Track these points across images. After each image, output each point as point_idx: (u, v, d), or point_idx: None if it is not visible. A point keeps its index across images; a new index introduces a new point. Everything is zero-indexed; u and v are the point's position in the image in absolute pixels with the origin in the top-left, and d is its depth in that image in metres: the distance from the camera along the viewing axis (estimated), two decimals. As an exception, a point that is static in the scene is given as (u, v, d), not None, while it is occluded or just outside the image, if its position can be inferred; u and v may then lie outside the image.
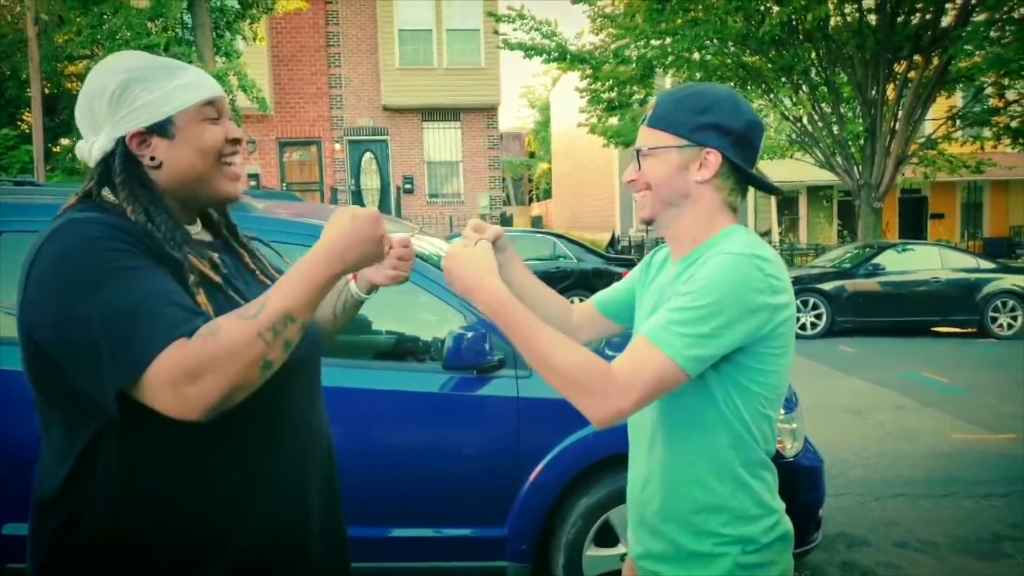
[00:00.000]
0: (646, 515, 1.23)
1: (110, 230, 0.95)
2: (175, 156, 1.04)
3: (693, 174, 1.15)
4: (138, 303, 0.90)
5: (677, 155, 1.15)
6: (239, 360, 0.89)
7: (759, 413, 1.14)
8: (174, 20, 10.49)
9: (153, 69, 1.04)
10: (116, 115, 1.02)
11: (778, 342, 1.11)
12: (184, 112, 1.03)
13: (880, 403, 6.07)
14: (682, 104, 1.16)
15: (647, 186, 1.18)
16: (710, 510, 1.15)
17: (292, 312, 0.93)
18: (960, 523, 3.66)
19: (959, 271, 9.79)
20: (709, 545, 1.15)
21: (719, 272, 1.06)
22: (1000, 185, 20.55)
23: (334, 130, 15.80)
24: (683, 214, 1.18)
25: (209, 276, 1.03)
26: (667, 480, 1.18)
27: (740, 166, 1.16)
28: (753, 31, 11.15)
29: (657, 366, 1.03)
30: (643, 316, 1.26)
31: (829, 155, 12.43)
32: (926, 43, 11.36)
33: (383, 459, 2.51)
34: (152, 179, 1.04)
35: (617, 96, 12.86)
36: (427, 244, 3.09)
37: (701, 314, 1.04)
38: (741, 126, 1.15)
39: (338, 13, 15.72)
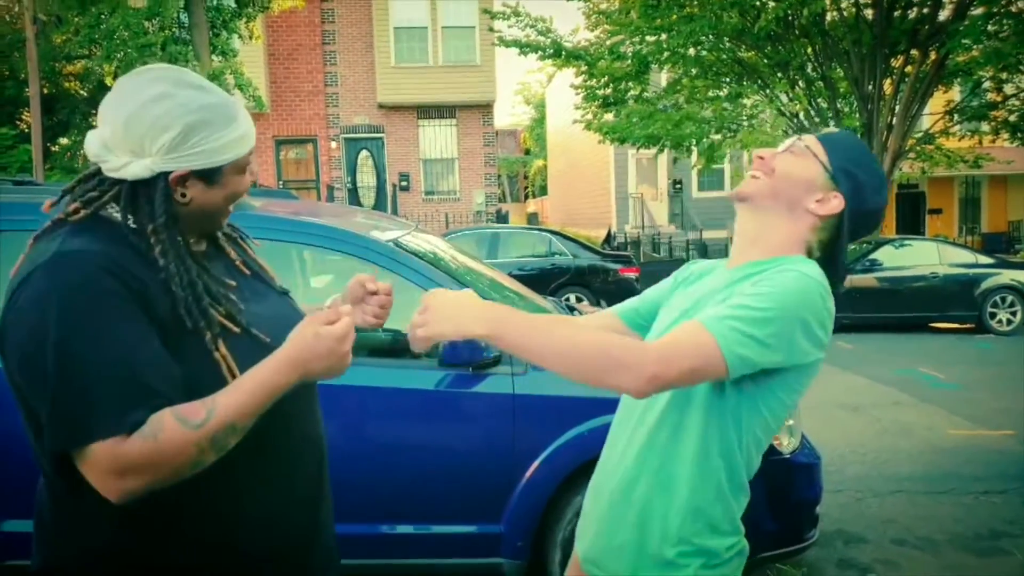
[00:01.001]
0: (616, 503, 1.20)
1: (105, 275, 0.93)
2: (207, 198, 1.05)
3: (811, 200, 1.16)
4: (96, 377, 0.89)
5: (817, 173, 1.16)
6: (170, 466, 0.91)
7: (756, 439, 1.15)
8: (171, 19, 10.47)
9: (215, 112, 1.02)
10: (171, 153, 1.00)
11: (806, 378, 1.13)
12: (232, 164, 1.05)
13: (877, 399, 6.07)
14: (853, 149, 1.19)
15: (770, 171, 1.17)
16: (690, 512, 1.14)
17: (237, 423, 0.94)
18: (958, 520, 3.65)
19: (957, 266, 9.79)
20: (674, 553, 1.14)
21: (791, 286, 1.06)
22: (998, 180, 20.56)
23: (330, 128, 15.78)
24: (775, 222, 1.17)
25: (227, 326, 1.02)
26: (656, 473, 1.17)
27: (842, 231, 1.17)
28: (749, 26, 11.13)
29: (704, 350, 1.02)
30: (671, 316, 1.24)
31: (826, 151, 12.41)
32: (923, 37, 11.35)
33: (379, 456, 2.50)
34: (176, 215, 1.04)
35: (612, 93, 12.84)
36: (422, 242, 3.08)
37: (760, 317, 1.03)
38: (872, 204, 1.18)
39: (334, 11, 15.69)
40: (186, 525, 0.99)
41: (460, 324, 1.04)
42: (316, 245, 2.74)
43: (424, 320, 1.06)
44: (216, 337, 0.99)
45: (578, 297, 10.02)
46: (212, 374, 0.98)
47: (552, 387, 2.48)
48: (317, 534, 1.14)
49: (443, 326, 1.05)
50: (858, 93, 12.00)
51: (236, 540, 1.02)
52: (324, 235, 2.69)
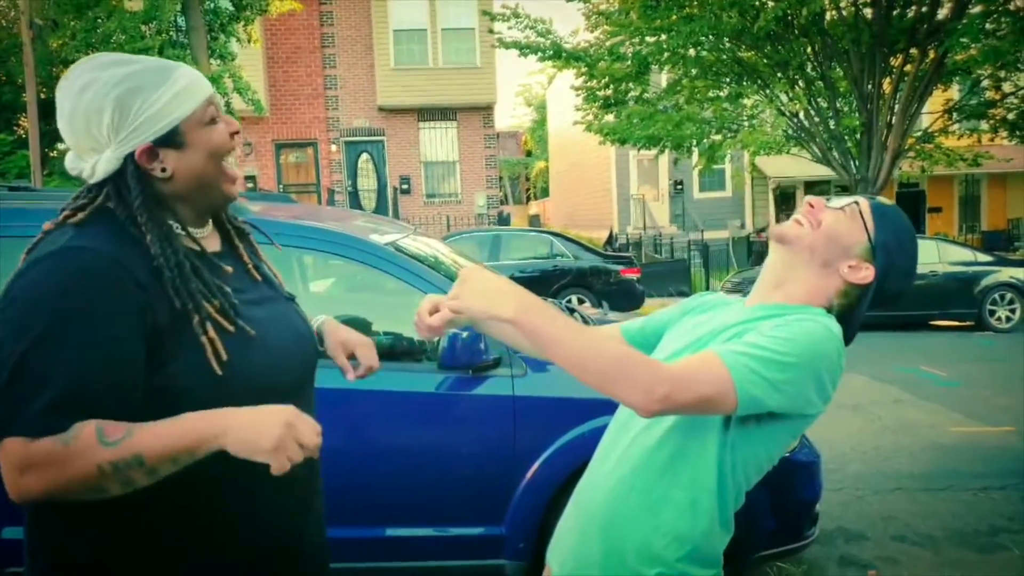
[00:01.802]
0: (601, 517, 1.18)
1: (103, 276, 0.92)
2: (186, 164, 1.01)
3: (846, 264, 1.17)
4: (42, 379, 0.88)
5: (860, 241, 1.18)
6: (68, 476, 0.88)
7: (747, 476, 1.16)
8: (168, 23, 10.48)
9: (142, 78, 0.99)
10: (119, 134, 0.98)
11: (804, 426, 1.15)
12: (188, 118, 1.01)
13: (878, 397, 6.07)
14: (901, 231, 1.21)
15: (818, 224, 1.18)
16: (675, 537, 1.13)
17: (146, 458, 0.89)
18: (958, 516, 3.66)
19: (957, 264, 9.80)
20: (654, 573, 1.13)
21: (812, 337, 1.07)
22: (998, 178, 20.55)
23: (330, 131, 15.80)
24: (805, 273, 1.18)
25: (219, 320, 1.00)
26: (647, 494, 1.15)
27: (863, 301, 1.19)
28: (748, 26, 11.14)
29: (719, 382, 1.03)
30: (680, 342, 1.24)
31: (826, 150, 12.43)
32: (922, 36, 11.36)
33: (380, 459, 2.51)
34: (165, 192, 1.02)
35: (613, 94, 12.85)
36: (422, 245, 3.10)
37: (780, 361, 1.04)
38: (898, 287, 1.20)
39: (332, 14, 15.71)
40: (167, 535, 0.98)
41: (492, 303, 1.03)
42: (315, 249, 2.75)
43: (459, 293, 1.05)
44: (204, 321, 0.97)
45: (580, 299, 10.03)
46: (199, 363, 0.96)
47: (552, 389, 2.49)
48: (306, 539, 1.12)
49: (476, 302, 1.04)
50: (857, 92, 12.00)
51: (220, 549, 1.00)
52: (323, 239, 2.71)
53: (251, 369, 1.00)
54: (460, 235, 10.98)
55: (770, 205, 20.43)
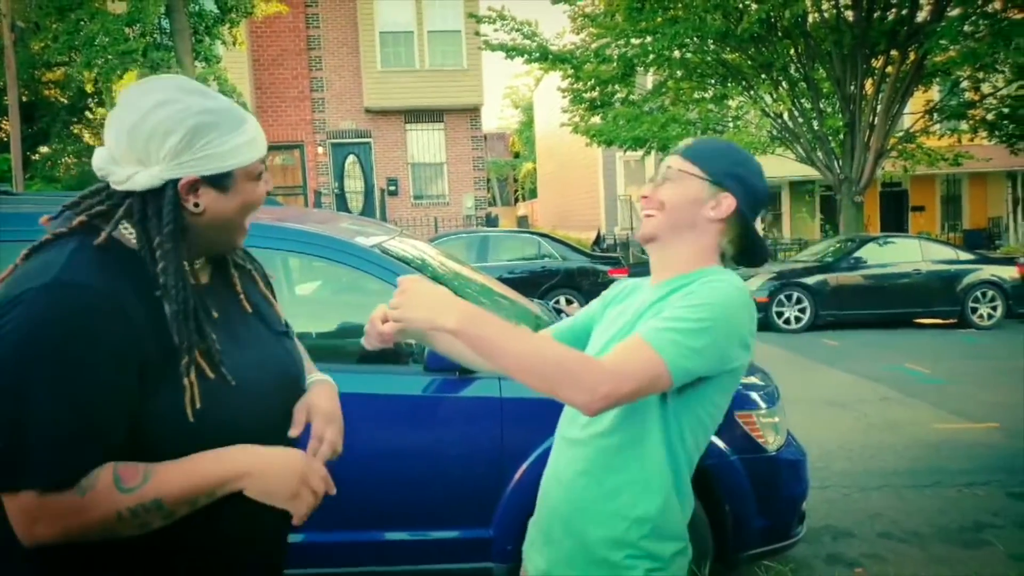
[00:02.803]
0: (564, 504, 1.23)
1: (91, 314, 0.90)
2: (219, 208, 1.02)
3: (707, 211, 1.22)
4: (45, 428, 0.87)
5: (698, 187, 1.22)
6: (86, 523, 0.88)
7: (696, 443, 1.19)
8: (152, 26, 10.40)
9: (220, 116, 1.00)
10: (178, 159, 0.97)
11: (735, 380, 1.19)
12: (242, 169, 1.02)
13: (863, 395, 6.12)
14: (718, 149, 1.25)
15: (660, 205, 1.23)
16: (635, 520, 1.17)
17: (165, 502, 0.90)
18: (943, 512, 3.70)
19: (939, 263, 9.91)
20: (622, 555, 1.17)
21: (720, 296, 1.12)
22: (978, 177, 20.83)
23: (317, 133, 15.72)
24: (684, 243, 1.23)
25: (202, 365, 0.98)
26: (598, 480, 1.19)
27: (745, 222, 1.24)
28: (732, 28, 11.22)
29: (649, 365, 1.06)
30: (610, 332, 1.28)
31: (810, 150, 12.54)
32: (902, 38, 11.50)
33: (366, 463, 2.49)
34: (188, 224, 1.01)
35: (599, 95, 12.91)
36: (409, 247, 3.08)
37: (696, 328, 1.08)
38: (761, 192, 1.25)
39: (318, 16, 15.64)
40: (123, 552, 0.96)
41: (434, 314, 1.05)
42: (300, 252, 2.73)
43: (399, 303, 1.08)
44: (191, 364, 0.96)
45: (568, 299, 10.04)
46: (175, 404, 0.95)
47: (539, 389, 2.48)
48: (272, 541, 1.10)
49: (417, 312, 1.07)
50: (840, 93, 12.13)
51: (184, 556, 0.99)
52: (308, 241, 2.69)
53: (224, 415, 0.98)
54: (448, 237, 10.96)
55: (756, 205, 20.55)
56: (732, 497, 2.60)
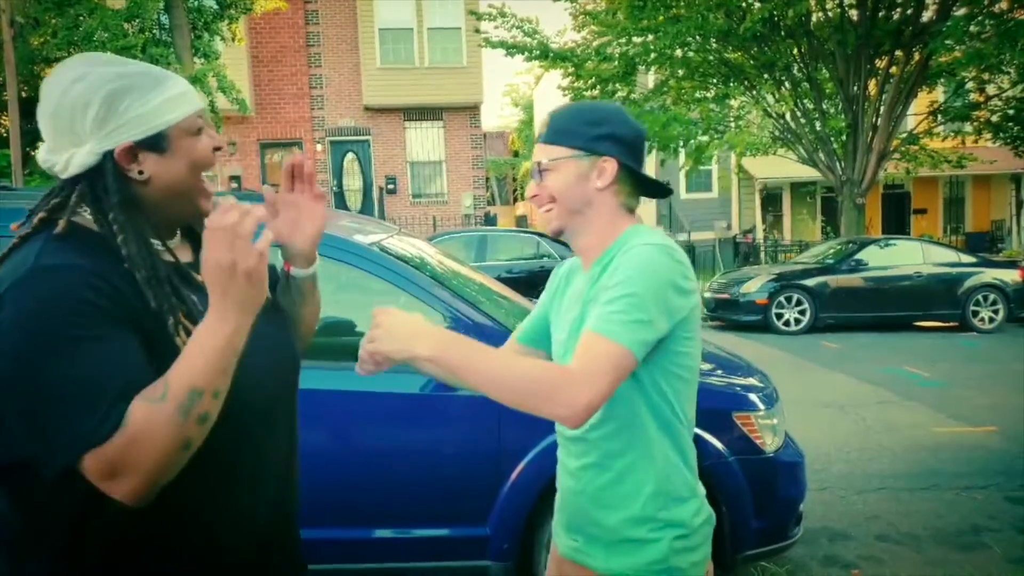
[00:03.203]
0: (577, 496, 1.27)
1: (84, 288, 0.90)
2: (165, 171, 1.00)
3: (593, 182, 1.23)
4: (73, 393, 0.87)
5: (575, 165, 1.22)
6: (152, 452, 0.87)
7: (683, 394, 1.22)
8: (151, 21, 10.38)
9: (138, 77, 0.99)
10: (103, 128, 0.96)
11: (692, 324, 1.20)
12: (176, 125, 1.00)
13: (862, 398, 6.11)
14: (576, 119, 1.24)
15: (551, 199, 1.24)
16: (649, 496, 1.20)
17: (197, 385, 0.89)
18: (940, 515, 3.69)
19: (941, 266, 9.89)
20: (644, 531, 1.20)
21: (639, 262, 1.13)
22: (981, 180, 20.80)
23: (315, 131, 15.71)
24: (589, 222, 1.25)
25: (189, 322, 0.98)
26: (604, 468, 1.23)
27: (635, 170, 1.25)
28: (735, 27, 11.20)
29: (612, 354, 1.08)
30: (565, 325, 1.29)
31: (812, 151, 12.52)
32: (907, 38, 11.47)
33: (364, 461, 2.49)
34: (139, 196, 1.00)
35: (600, 94, 12.88)
36: (408, 246, 3.07)
37: (635, 302, 1.10)
38: (632, 135, 1.25)
39: (318, 12, 15.62)
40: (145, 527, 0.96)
41: (407, 344, 1.08)
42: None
43: (373, 336, 1.11)
44: (178, 324, 0.96)
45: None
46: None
47: (536, 389, 2.47)
48: (278, 536, 1.10)
49: (391, 344, 1.09)
50: (843, 94, 12.10)
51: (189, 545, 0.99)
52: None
53: None
54: (446, 236, 10.95)
55: (756, 206, 20.56)
56: (729, 498, 2.59)
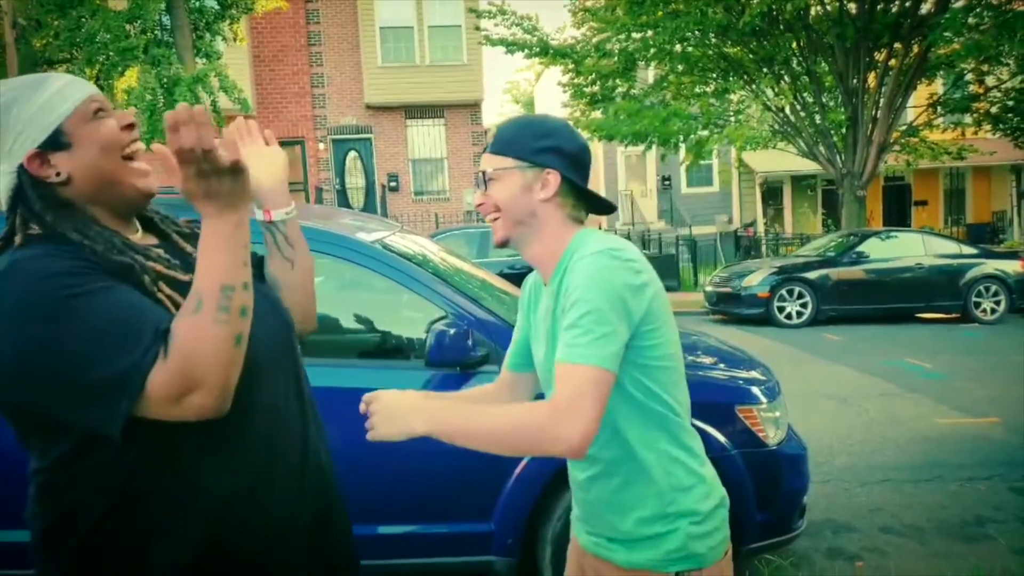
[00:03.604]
0: (590, 503, 1.29)
1: (60, 260, 0.94)
2: (79, 164, 1.01)
3: (537, 193, 1.24)
4: (114, 327, 0.90)
5: (520, 176, 1.24)
6: (213, 353, 0.90)
7: (667, 382, 1.22)
8: (153, 22, 10.38)
9: (18, 89, 1.01)
10: (4, 147, 0.99)
11: (656, 316, 1.20)
12: (70, 117, 1.01)
13: (865, 390, 6.12)
14: (522, 131, 1.26)
15: (496, 208, 1.26)
16: (654, 495, 1.22)
17: (225, 282, 0.93)
18: (944, 507, 3.70)
19: (942, 257, 9.88)
20: (659, 527, 1.22)
21: (586, 275, 1.14)
22: (982, 171, 20.76)
23: (317, 129, 15.71)
24: (534, 233, 1.26)
25: (169, 274, 1.02)
26: (610, 475, 1.24)
27: (577, 184, 1.25)
28: (734, 22, 11.18)
29: (589, 378, 1.09)
30: (543, 340, 1.30)
31: (812, 144, 12.51)
32: (905, 31, 11.44)
33: (367, 457, 2.49)
34: (68, 197, 1.02)
35: (600, 90, 12.88)
36: (410, 243, 3.08)
37: (593, 318, 1.11)
38: (575, 149, 1.26)
39: (319, 12, 15.61)
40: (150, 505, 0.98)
41: (404, 424, 1.16)
42: (302, 247, 2.74)
43: (372, 424, 1.19)
44: (156, 278, 0.99)
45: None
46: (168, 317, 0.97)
47: (540, 384, 2.49)
48: (296, 529, 1.10)
49: (389, 428, 1.17)
50: (843, 87, 12.08)
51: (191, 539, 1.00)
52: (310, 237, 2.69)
53: None
54: (448, 232, 10.96)
55: (757, 200, 20.54)
56: (732, 491, 2.55)
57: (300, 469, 1.11)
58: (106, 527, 0.98)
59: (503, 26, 12.37)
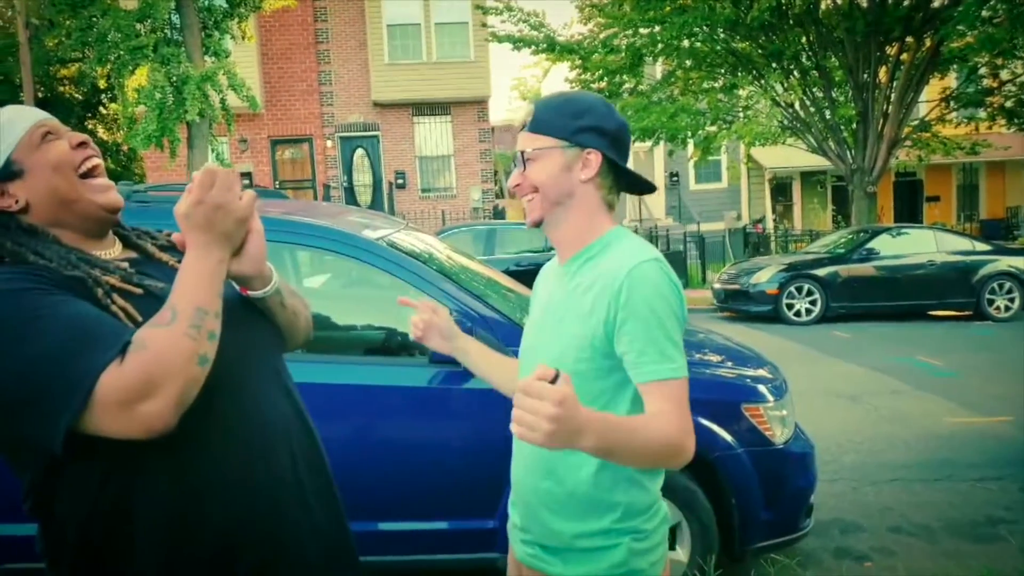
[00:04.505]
0: (543, 501, 1.25)
1: (18, 276, 0.96)
2: (35, 190, 1.03)
3: (577, 174, 1.21)
4: (64, 338, 0.91)
5: (561, 156, 1.21)
6: (178, 363, 0.91)
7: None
8: (162, 21, 10.42)
9: None
10: None
11: None
12: (18, 146, 1.02)
13: (874, 388, 6.07)
14: (561, 109, 1.22)
15: (534, 188, 1.23)
16: (604, 507, 1.20)
17: (201, 305, 0.96)
18: (954, 507, 3.66)
19: (955, 254, 9.77)
20: (600, 540, 1.20)
21: (647, 288, 1.14)
22: (996, 166, 20.53)
23: (325, 127, 15.75)
24: (569, 214, 1.24)
25: (125, 288, 1.02)
26: (560, 477, 1.21)
27: (618, 163, 1.23)
28: (742, 17, 11.10)
29: (683, 391, 1.14)
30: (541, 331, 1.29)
31: (821, 140, 12.41)
32: (917, 24, 11.32)
33: (372, 454, 2.51)
34: (30, 223, 1.03)
35: (607, 86, 12.82)
36: (415, 240, 3.08)
37: (663, 334, 1.13)
38: (616, 128, 1.23)
39: (326, 9, 15.64)
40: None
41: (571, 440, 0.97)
42: (306, 245, 2.74)
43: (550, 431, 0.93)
44: (108, 293, 1.00)
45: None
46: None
47: (544, 382, 2.48)
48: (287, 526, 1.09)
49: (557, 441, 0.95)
50: (853, 82, 11.97)
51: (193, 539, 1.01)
52: (314, 234, 2.69)
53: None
54: (455, 229, 10.95)
55: (766, 196, 20.41)
56: (738, 490, 2.59)
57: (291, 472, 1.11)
58: (91, 542, 0.98)
59: (510, 22, 12.34)
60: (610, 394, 1.19)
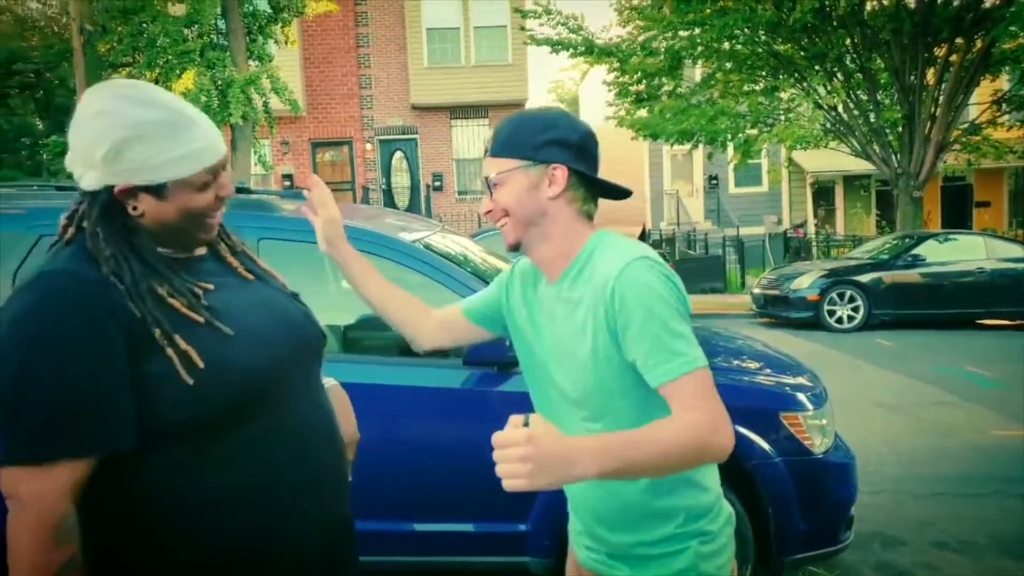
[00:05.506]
0: (598, 515, 1.23)
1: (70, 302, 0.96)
2: (160, 212, 1.05)
3: (544, 191, 1.18)
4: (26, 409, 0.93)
5: (525, 176, 1.18)
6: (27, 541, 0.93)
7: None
8: (208, 26, 10.72)
9: (155, 127, 1.01)
10: (110, 167, 1.02)
11: None
12: (181, 180, 1.04)
13: (918, 398, 5.90)
14: (520, 129, 1.20)
15: (505, 213, 1.21)
16: (664, 514, 1.18)
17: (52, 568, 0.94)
18: (1001, 523, 3.54)
19: (1006, 261, 9.45)
20: (666, 547, 1.18)
21: (638, 288, 1.11)
22: (1050, 171, 19.74)
23: (365, 130, 15.98)
24: (546, 233, 1.21)
25: (188, 315, 1.03)
26: (614, 490, 1.19)
27: (586, 175, 1.20)
28: (784, 19, 10.91)
29: (705, 381, 1.10)
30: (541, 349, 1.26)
31: (865, 143, 12.11)
32: (967, 25, 10.97)
33: (406, 455, 2.54)
34: (136, 226, 1.06)
35: (645, 88, 12.73)
36: (451, 243, 3.11)
37: (666, 329, 1.10)
38: (579, 138, 1.20)
39: (367, 14, 15.87)
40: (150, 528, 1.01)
41: (567, 473, 0.95)
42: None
43: (529, 472, 0.94)
44: (166, 334, 0.99)
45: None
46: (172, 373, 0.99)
47: (578, 386, 2.48)
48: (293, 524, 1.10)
49: (548, 479, 0.95)
50: (899, 84, 11.66)
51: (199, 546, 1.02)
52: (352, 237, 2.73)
53: (225, 365, 1.02)
54: (491, 232, 10.99)
55: (808, 200, 19.98)
56: (775, 500, 2.54)
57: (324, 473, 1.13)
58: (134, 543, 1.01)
59: (548, 26, 12.35)
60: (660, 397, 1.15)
